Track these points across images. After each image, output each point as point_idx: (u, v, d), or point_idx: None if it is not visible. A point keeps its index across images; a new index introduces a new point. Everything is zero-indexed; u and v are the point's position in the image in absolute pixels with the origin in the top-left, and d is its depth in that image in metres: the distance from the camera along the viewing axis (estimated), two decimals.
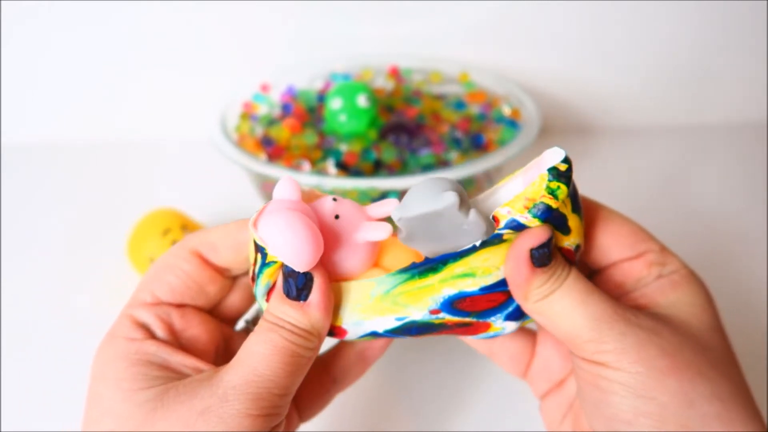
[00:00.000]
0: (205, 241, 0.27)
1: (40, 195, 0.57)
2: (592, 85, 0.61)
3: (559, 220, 0.24)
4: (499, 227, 0.24)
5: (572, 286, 0.24)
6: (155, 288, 0.27)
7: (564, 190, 0.23)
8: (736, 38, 0.60)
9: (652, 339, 0.24)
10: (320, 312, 0.24)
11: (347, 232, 0.24)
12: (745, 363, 0.28)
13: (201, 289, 0.27)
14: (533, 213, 0.23)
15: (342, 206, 0.25)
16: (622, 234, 0.28)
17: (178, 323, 0.27)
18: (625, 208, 0.53)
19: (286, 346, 0.24)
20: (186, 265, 0.27)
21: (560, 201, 0.24)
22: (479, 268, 0.24)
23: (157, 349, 0.25)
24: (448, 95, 0.55)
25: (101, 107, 0.62)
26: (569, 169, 0.24)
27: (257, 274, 0.25)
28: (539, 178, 0.24)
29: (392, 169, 0.47)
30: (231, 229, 0.27)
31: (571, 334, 0.24)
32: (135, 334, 0.26)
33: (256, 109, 0.53)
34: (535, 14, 0.58)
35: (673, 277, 0.27)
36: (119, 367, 0.25)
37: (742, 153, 0.60)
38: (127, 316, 0.26)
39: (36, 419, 0.37)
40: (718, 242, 0.49)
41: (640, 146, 0.61)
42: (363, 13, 0.58)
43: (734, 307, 0.44)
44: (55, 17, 0.57)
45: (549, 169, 0.24)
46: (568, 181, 0.24)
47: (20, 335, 0.43)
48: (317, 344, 0.25)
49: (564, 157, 0.24)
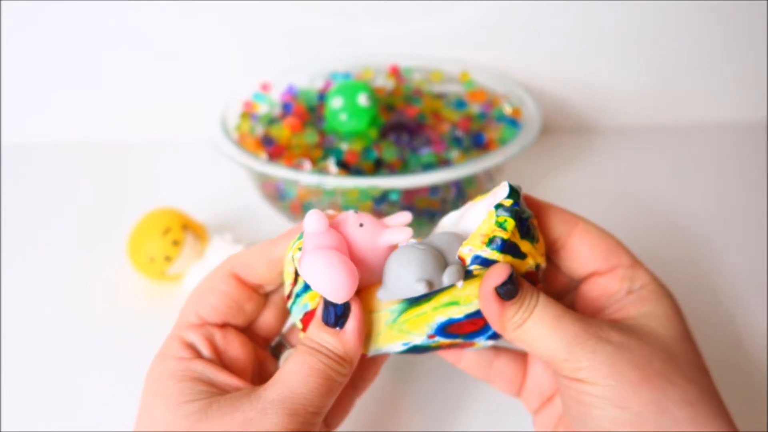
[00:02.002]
0: (241, 262, 0.30)
1: (41, 194, 0.57)
2: (593, 84, 0.61)
3: (513, 249, 0.27)
4: (467, 265, 0.27)
5: (544, 312, 0.27)
6: (199, 309, 0.29)
7: (511, 223, 0.27)
8: (736, 38, 0.60)
9: (622, 353, 0.26)
10: (354, 340, 0.27)
11: (372, 238, 0.28)
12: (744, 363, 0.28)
13: (240, 307, 0.30)
14: (491, 246, 0.27)
15: (363, 217, 0.28)
16: (597, 246, 0.30)
17: (221, 343, 0.29)
18: (625, 208, 0.54)
19: (321, 369, 0.26)
20: (224, 286, 0.30)
21: (509, 232, 0.27)
22: (461, 297, 0.27)
23: (204, 367, 0.28)
24: (449, 94, 0.55)
25: (102, 107, 0.62)
26: (515, 203, 0.27)
27: (297, 294, 0.28)
28: (488, 215, 0.27)
29: (393, 168, 0.47)
30: (264, 247, 0.30)
31: (550, 356, 0.27)
32: (183, 354, 0.28)
33: (256, 109, 0.53)
34: (535, 13, 0.58)
35: (642, 292, 0.29)
36: (168, 383, 0.27)
37: (742, 153, 0.60)
38: (177, 336, 0.29)
39: (36, 419, 0.37)
40: (718, 242, 0.49)
41: (640, 146, 0.61)
42: (363, 13, 0.58)
43: (734, 306, 0.44)
44: (56, 18, 0.57)
45: (496, 206, 0.27)
46: (513, 213, 0.27)
47: (20, 335, 0.43)
48: (349, 371, 0.27)
49: (508, 193, 0.28)
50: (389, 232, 0.28)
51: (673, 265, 0.47)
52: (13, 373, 0.40)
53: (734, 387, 0.38)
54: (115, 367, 0.40)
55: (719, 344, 0.41)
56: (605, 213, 0.52)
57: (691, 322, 0.42)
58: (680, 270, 0.47)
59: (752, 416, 0.36)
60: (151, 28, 0.58)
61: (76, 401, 0.38)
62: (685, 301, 0.44)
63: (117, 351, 0.41)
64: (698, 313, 0.43)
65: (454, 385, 0.39)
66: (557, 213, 0.30)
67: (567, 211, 0.30)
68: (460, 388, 0.38)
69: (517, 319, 0.27)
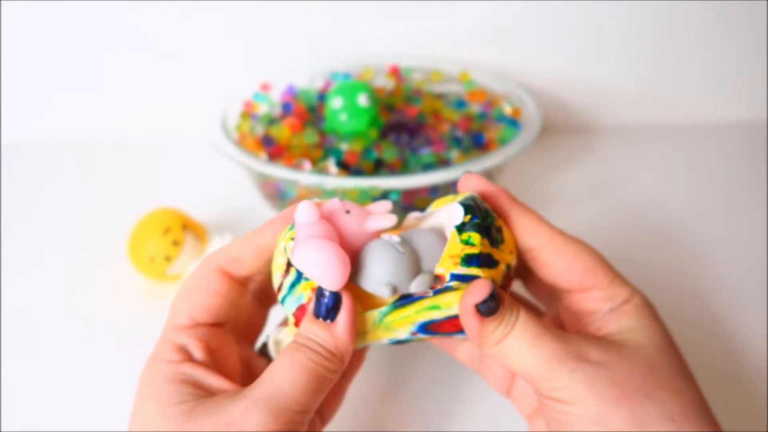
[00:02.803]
0: (227, 256, 0.29)
1: (41, 194, 0.57)
2: (593, 84, 0.61)
3: (488, 260, 0.27)
4: (446, 282, 0.27)
5: (523, 329, 0.26)
6: (190, 310, 0.29)
7: (476, 236, 0.27)
8: (736, 38, 0.60)
9: (601, 371, 0.26)
10: (346, 334, 0.27)
11: (358, 223, 0.28)
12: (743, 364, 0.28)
13: (231, 304, 0.30)
14: (465, 264, 0.27)
15: (349, 204, 0.28)
16: (573, 266, 0.29)
17: (213, 344, 0.29)
18: (625, 208, 0.54)
19: (309, 365, 0.26)
20: (214, 283, 0.29)
21: (478, 245, 0.27)
22: (442, 302, 0.27)
23: (193, 370, 0.27)
24: (449, 94, 0.55)
25: (102, 107, 0.62)
26: (473, 217, 0.27)
27: (292, 284, 0.28)
28: (452, 236, 0.27)
29: (393, 168, 0.47)
30: (250, 237, 0.29)
31: (528, 374, 0.26)
32: (174, 357, 0.28)
33: (256, 109, 0.53)
34: (535, 13, 0.58)
35: (622, 308, 0.29)
36: (158, 385, 0.27)
37: (742, 153, 0.60)
38: (168, 339, 0.29)
39: (36, 419, 0.37)
40: (718, 242, 0.49)
41: (640, 146, 0.61)
42: (363, 13, 0.58)
43: (735, 306, 0.44)
44: (56, 18, 0.57)
45: (456, 227, 0.27)
46: (477, 227, 0.27)
47: (20, 334, 0.43)
48: (340, 367, 0.27)
49: (463, 212, 0.27)
50: (374, 219, 0.28)
51: (673, 265, 0.47)
52: (13, 373, 0.40)
53: (735, 387, 0.38)
54: (115, 367, 0.40)
55: (719, 345, 0.41)
56: (605, 213, 0.52)
57: (690, 323, 0.42)
58: (680, 270, 0.47)
59: (752, 417, 0.36)
60: (151, 28, 0.58)
61: (75, 401, 0.38)
62: (685, 301, 0.44)
63: (117, 351, 0.41)
64: (698, 314, 0.43)
65: (452, 378, 0.39)
66: (528, 224, 0.29)
67: (541, 222, 0.29)
68: (459, 381, 0.38)
69: (496, 335, 0.26)
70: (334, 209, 0.28)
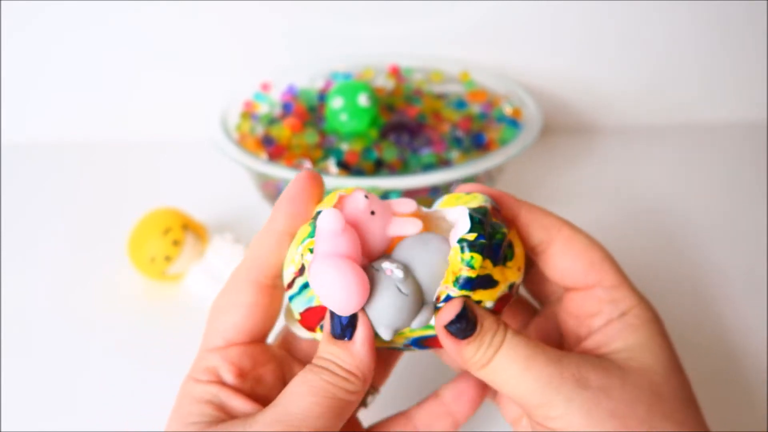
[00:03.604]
0: (251, 261, 0.28)
1: (41, 195, 0.57)
2: (593, 85, 0.61)
3: (484, 282, 0.25)
4: (440, 302, 0.25)
5: (513, 351, 0.25)
6: (223, 332, 0.28)
7: (478, 259, 0.25)
8: (736, 38, 0.60)
9: (600, 401, 0.24)
10: (365, 350, 0.25)
11: (382, 227, 0.26)
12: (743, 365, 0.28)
13: (267, 314, 0.28)
14: (458, 285, 0.25)
15: (375, 203, 0.26)
16: (579, 259, 0.28)
17: (248, 365, 0.28)
18: (625, 208, 0.54)
19: (322, 386, 0.24)
20: (244, 298, 0.28)
21: (477, 269, 0.25)
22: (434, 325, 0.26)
23: (219, 391, 0.27)
24: (449, 94, 0.55)
25: (102, 107, 0.62)
26: (480, 236, 0.25)
27: (304, 285, 0.26)
28: (454, 251, 0.25)
29: (393, 169, 0.47)
30: (266, 231, 0.27)
31: (521, 400, 0.25)
32: (202, 377, 0.27)
33: (256, 109, 0.53)
34: (535, 13, 0.58)
35: (627, 319, 0.27)
36: (183, 403, 0.27)
37: (743, 153, 0.60)
38: (201, 359, 0.28)
39: (36, 419, 0.37)
40: (718, 242, 0.49)
41: (641, 146, 0.61)
42: (363, 13, 0.58)
43: (736, 305, 0.44)
44: (56, 17, 0.57)
45: (459, 241, 0.25)
46: (479, 248, 0.25)
47: (20, 334, 0.43)
48: (360, 387, 0.25)
49: (470, 227, 0.25)
50: (399, 224, 0.26)
51: (673, 265, 0.47)
52: (12, 373, 0.40)
53: (735, 387, 0.38)
54: (115, 367, 0.40)
55: (720, 345, 0.41)
56: (605, 213, 0.52)
57: (691, 323, 0.42)
58: (680, 270, 0.47)
59: (753, 417, 0.36)
60: (151, 28, 0.58)
61: (75, 401, 0.38)
62: (685, 302, 0.44)
63: (117, 351, 0.41)
64: (699, 314, 0.43)
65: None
66: (538, 218, 0.28)
67: (550, 215, 0.28)
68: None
69: (478, 358, 0.25)
70: (360, 211, 0.26)
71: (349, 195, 0.26)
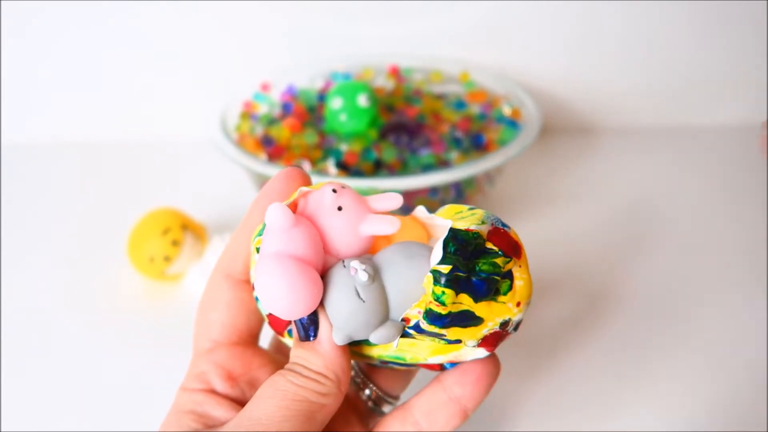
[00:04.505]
0: (228, 258, 0.27)
1: (40, 195, 0.57)
2: (593, 85, 0.61)
3: (460, 318, 0.22)
4: (409, 326, 0.23)
5: None
6: (208, 332, 0.27)
7: (450, 294, 0.22)
8: (736, 38, 0.60)
9: None
10: (332, 349, 0.23)
11: (351, 223, 0.24)
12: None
13: (250, 311, 0.27)
14: (427, 320, 0.22)
15: (344, 198, 0.24)
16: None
17: (239, 368, 0.27)
18: (625, 209, 0.54)
19: (288, 388, 0.23)
20: (224, 295, 0.27)
21: (448, 305, 0.22)
22: (406, 356, 0.24)
23: (203, 399, 0.26)
24: (449, 95, 0.55)
25: (101, 107, 0.62)
26: (454, 269, 0.22)
27: None
28: (427, 280, 0.22)
29: (392, 169, 0.47)
30: (242, 229, 0.27)
31: None
32: (191, 384, 0.26)
33: (256, 109, 0.53)
34: (535, 14, 0.58)
35: None
36: (170, 412, 0.26)
37: (742, 155, 0.60)
38: (192, 366, 0.27)
39: (35, 419, 0.37)
40: (719, 243, 0.49)
41: (641, 146, 0.61)
42: (363, 13, 0.58)
43: (735, 307, 0.44)
44: (56, 17, 0.57)
45: (432, 271, 0.22)
46: (454, 283, 0.22)
47: (19, 334, 0.43)
48: (333, 389, 0.24)
49: (441, 257, 0.22)
50: (372, 222, 0.23)
51: (673, 265, 0.47)
52: (12, 373, 0.40)
53: (734, 387, 0.38)
54: (114, 367, 0.40)
55: (719, 345, 0.41)
56: (605, 214, 0.52)
57: (691, 324, 0.42)
58: (679, 271, 0.47)
59: (753, 417, 0.36)
60: (150, 29, 0.58)
61: (74, 401, 0.38)
62: (685, 302, 0.44)
63: (116, 351, 0.41)
64: (698, 314, 0.43)
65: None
66: None
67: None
68: None
69: None
70: (324, 205, 0.24)
71: (317, 189, 0.24)
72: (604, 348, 0.41)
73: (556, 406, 0.37)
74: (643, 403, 0.37)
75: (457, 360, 0.24)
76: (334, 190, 0.24)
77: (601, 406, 0.37)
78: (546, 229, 0.50)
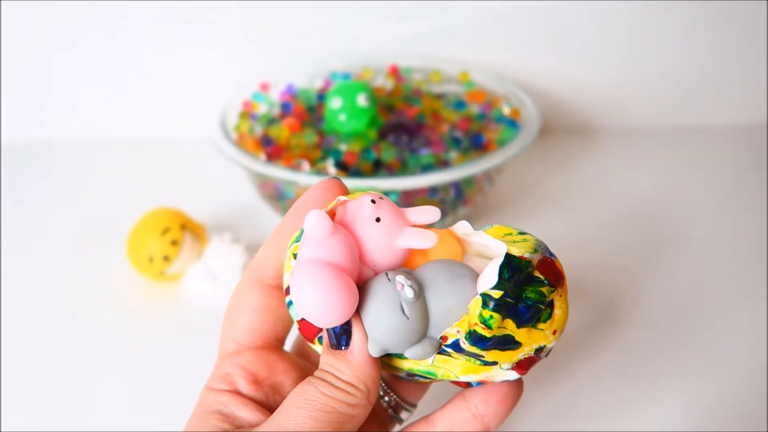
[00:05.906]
0: (259, 263, 0.27)
1: (40, 195, 0.57)
2: (593, 85, 0.61)
3: (501, 342, 0.23)
4: (446, 344, 0.23)
5: None
6: (235, 335, 0.27)
7: (497, 319, 0.22)
8: (736, 38, 0.60)
9: None
10: (364, 359, 0.23)
11: (388, 235, 0.24)
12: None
13: (277, 316, 0.27)
14: (470, 341, 0.23)
15: (382, 209, 0.24)
16: None
17: (263, 371, 0.27)
18: (625, 209, 0.54)
19: (318, 398, 0.23)
20: (253, 300, 0.27)
21: (494, 329, 0.23)
22: (437, 372, 0.25)
23: (228, 400, 0.26)
24: (448, 95, 0.55)
25: (102, 106, 0.62)
26: (506, 294, 0.22)
27: None
28: (474, 302, 0.23)
29: (392, 169, 0.47)
30: (276, 234, 0.27)
31: None
32: (217, 385, 0.27)
33: (255, 108, 0.53)
34: (535, 14, 0.58)
35: None
36: (195, 412, 0.26)
37: (743, 155, 0.60)
38: (217, 367, 0.27)
39: (35, 419, 0.37)
40: (719, 243, 0.49)
41: (641, 146, 0.61)
42: (363, 13, 0.58)
43: (735, 307, 0.44)
44: (57, 18, 0.57)
45: (482, 294, 0.22)
46: (502, 308, 0.22)
47: (19, 334, 0.43)
48: (363, 400, 0.24)
49: (497, 282, 0.22)
50: (409, 235, 0.23)
51: (673, 266, 0.47)
52: (11, 373, 0.40)
53: (734, 388, 0.38)
54: (114, 367, 0.40)
55: (719, 346, 0.41)
56: (604, 214, 0.52)
57: (690, 324, 0.42)
58: (679, 271, 0.47)
59: (752, 417, 0.36)
60: (150, 29, 0.58)
61: (74, 401, 0.38)
62: (685, 302, 0.44)
63: (116, 351, 0.41)
64: (698, 314, 0.43)
65: None
66: None
67: None
68: None
69: None
70: (362, 215, 0.24)
71: (355, 199, 0.24)
72: (604, 348, 0.41)
73: (556, 406, 0.37)
74: (645, 403, 0.37)
75: (488, 380, 0.25)
76: (373, 200, 0.24)
77: (601, 406, 0.37)
78: (545, 229, 0.49)
